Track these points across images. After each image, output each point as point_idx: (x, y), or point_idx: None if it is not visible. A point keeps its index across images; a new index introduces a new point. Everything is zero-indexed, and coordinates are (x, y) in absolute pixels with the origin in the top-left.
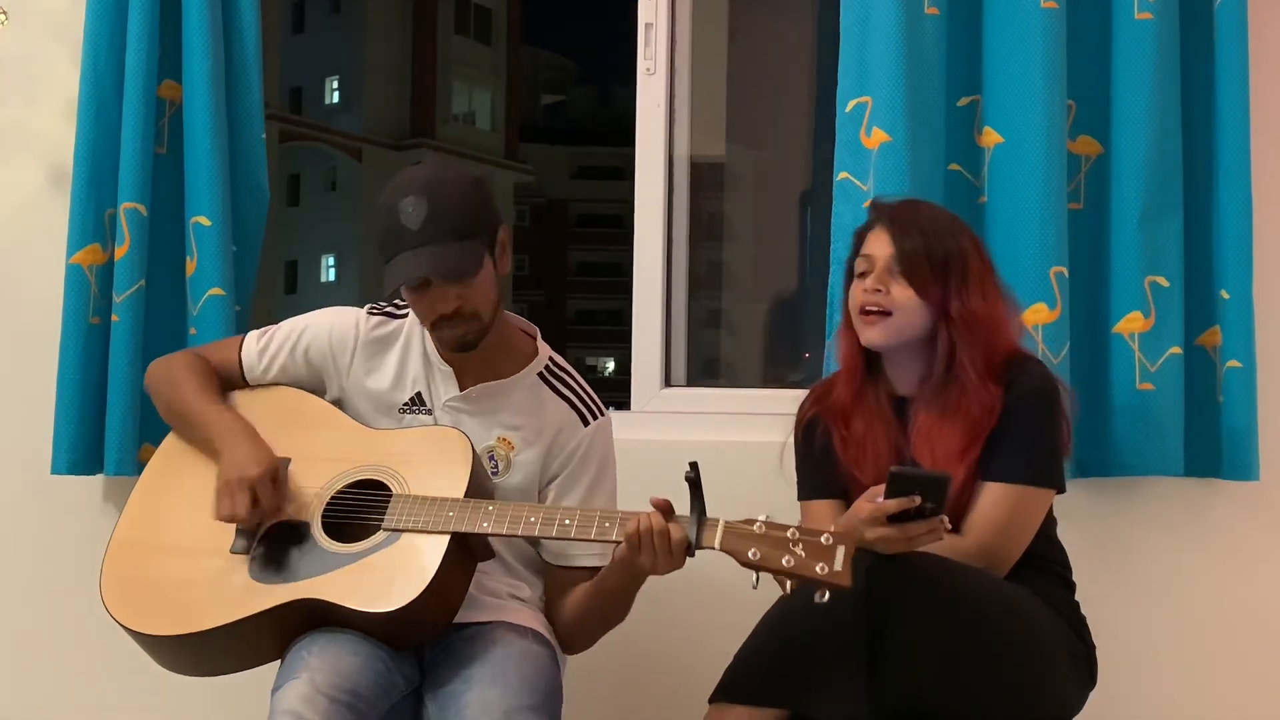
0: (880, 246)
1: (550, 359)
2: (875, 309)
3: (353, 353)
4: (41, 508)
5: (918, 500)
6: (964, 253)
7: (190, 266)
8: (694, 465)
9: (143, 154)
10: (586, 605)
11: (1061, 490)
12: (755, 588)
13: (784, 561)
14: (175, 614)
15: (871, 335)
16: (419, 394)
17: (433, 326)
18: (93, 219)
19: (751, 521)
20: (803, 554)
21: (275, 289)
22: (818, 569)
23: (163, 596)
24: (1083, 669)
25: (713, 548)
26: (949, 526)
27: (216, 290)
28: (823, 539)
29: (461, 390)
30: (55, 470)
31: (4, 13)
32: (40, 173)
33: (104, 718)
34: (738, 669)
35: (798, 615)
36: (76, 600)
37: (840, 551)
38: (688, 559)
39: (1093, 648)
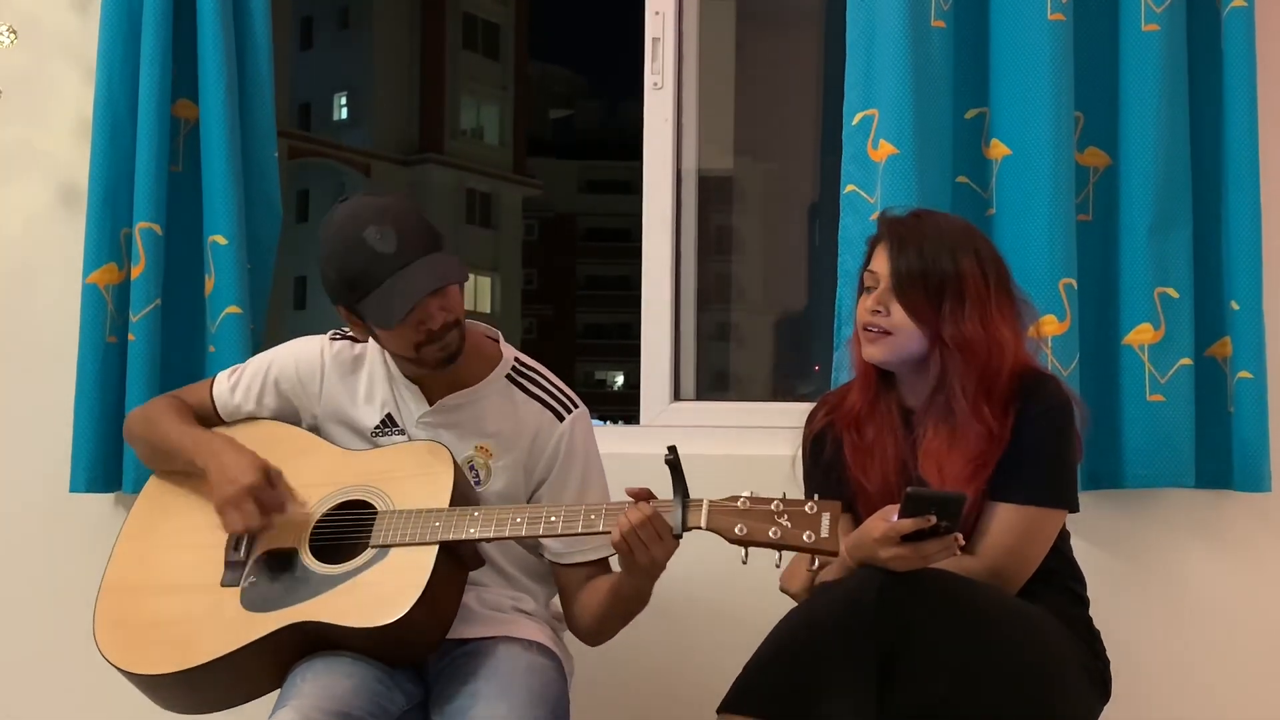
0: (882, 264)
1: (516, 359)
2: (875, 329)
3: (321, 379)
4: (60, 526)
5: (933, 519)
6: (961, 275)
7: (209, 285)
8: (672, 449)
9: (157, 173)
10: (607, 609)
11: (1074, 509)
12: (745, 563)
13: (770, 533)
14: (171, 651)
15: (871, 352)
16: (389, 415)
17: (418, 348)
18: (108, 239)
19: (735, 498)
20: (788, 524)
21: (285, 305)
22: (804, 537)
23: (157, 635)
24: (1096, 684)
25: (699, 527)
26: (962, 543)
27: (233, 309)
28: (807, 507)
29: (431, 405)
30: (74, 488)
31: (13, 31)
32: (51, 191)
33: None
34: (747, 680)
35: (809, 628)
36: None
37: (826, 518)
38: (678, 541)
39: (1106, 662)
